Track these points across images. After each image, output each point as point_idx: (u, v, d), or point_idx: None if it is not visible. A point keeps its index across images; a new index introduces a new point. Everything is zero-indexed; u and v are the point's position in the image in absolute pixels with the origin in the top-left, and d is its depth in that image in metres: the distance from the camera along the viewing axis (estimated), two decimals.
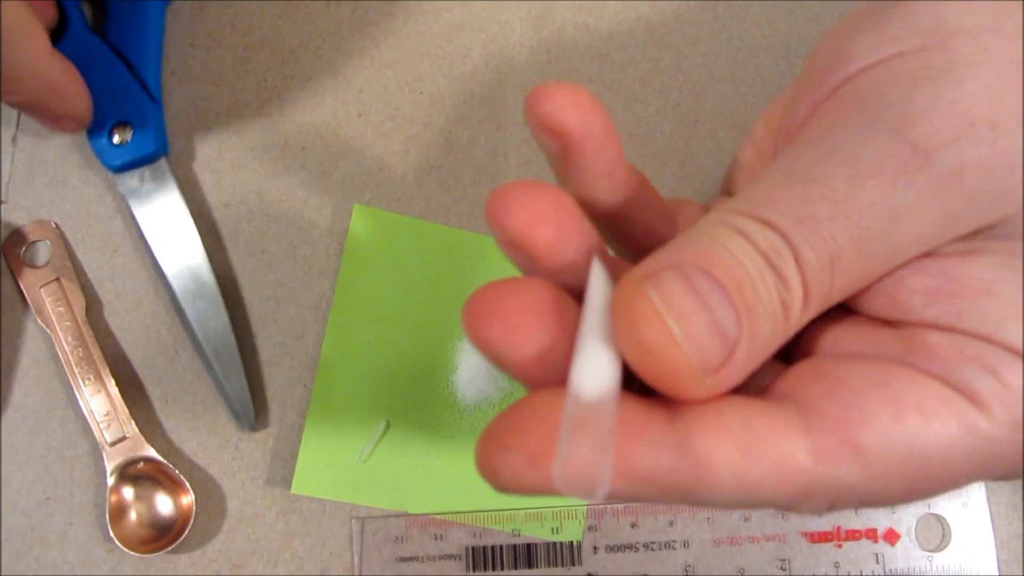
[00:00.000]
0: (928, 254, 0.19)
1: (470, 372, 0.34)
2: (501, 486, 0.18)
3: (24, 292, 0.34)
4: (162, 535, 0.33)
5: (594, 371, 0.18)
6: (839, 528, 0.33)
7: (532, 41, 0.37)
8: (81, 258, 0.35)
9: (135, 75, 0.35)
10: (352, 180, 0.36)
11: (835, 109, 0.20)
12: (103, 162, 0.34)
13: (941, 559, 0.32)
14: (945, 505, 0.33)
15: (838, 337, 0.21)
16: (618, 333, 0.18)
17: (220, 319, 0.34)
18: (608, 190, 0.21)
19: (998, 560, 0.32)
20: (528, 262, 0.19)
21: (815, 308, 0.19)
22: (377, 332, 0.34)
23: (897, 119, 0.18)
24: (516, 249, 0.19)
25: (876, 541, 0.33)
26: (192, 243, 0.34)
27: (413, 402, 0.34)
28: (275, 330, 0.35)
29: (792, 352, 0.21)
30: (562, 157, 0.20)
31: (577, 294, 0.20)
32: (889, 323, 0.20)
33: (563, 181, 0.21)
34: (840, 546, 0.33)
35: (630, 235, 0.23)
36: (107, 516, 0.33)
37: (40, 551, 0.33)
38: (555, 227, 0.18)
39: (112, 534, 0.32)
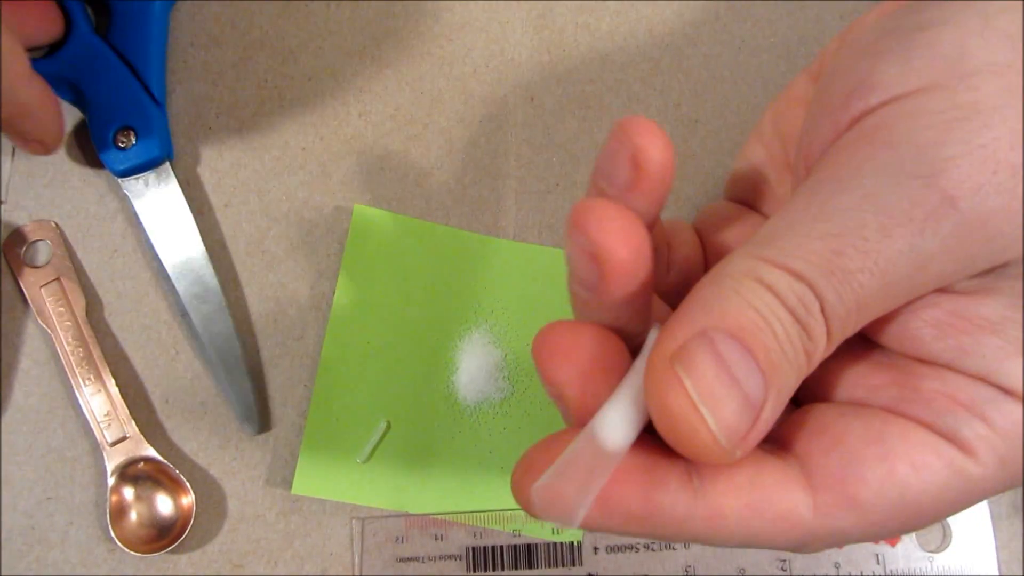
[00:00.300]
0: (942, 289, 0.20)
1: (470, 372, 0.34)
2: (533, 513, 0.19)
3: (24, 292, 0.34)
4: (162, 535, 0.33)
5: (615, 424, 0.19)
6: None
7: (532, 41, 0.37)
8: (81, 258, 0.35)
9: (139, 79, 0.35)
10: (352, 180, 0.36)
11: (861, 144, 0.20)
12: (108, 167, 0.34)
13: (942, 560, 0.32)
14: None
15: (841, 379, 0.22)
16: (651, 409, 0.19)
17: (224, 324, 0.34)
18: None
19: (998, 560, 0.32)
20: (594, 279, 0.19)
21: (835, 346, 0.20)
22: (377, 332, 0.34)
23: (928, 165, 0.19)
24: (591, 261, 0.19)
25: (876, 542, 0.33)
26: (196, 248, 0.34)
27: (413, 402, 0.34)
28: (275, 330, 0.35)
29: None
30: (628, 183, 0.20)
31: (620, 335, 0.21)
32: (889, 357, 0.21)
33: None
34: (840, 546, 0.33)
35: None
36: (108, 516, 0.33)
37: (41, 551, 0.33)
38: (635, 251, 0.19)
39: (113, 534, 0.32)
